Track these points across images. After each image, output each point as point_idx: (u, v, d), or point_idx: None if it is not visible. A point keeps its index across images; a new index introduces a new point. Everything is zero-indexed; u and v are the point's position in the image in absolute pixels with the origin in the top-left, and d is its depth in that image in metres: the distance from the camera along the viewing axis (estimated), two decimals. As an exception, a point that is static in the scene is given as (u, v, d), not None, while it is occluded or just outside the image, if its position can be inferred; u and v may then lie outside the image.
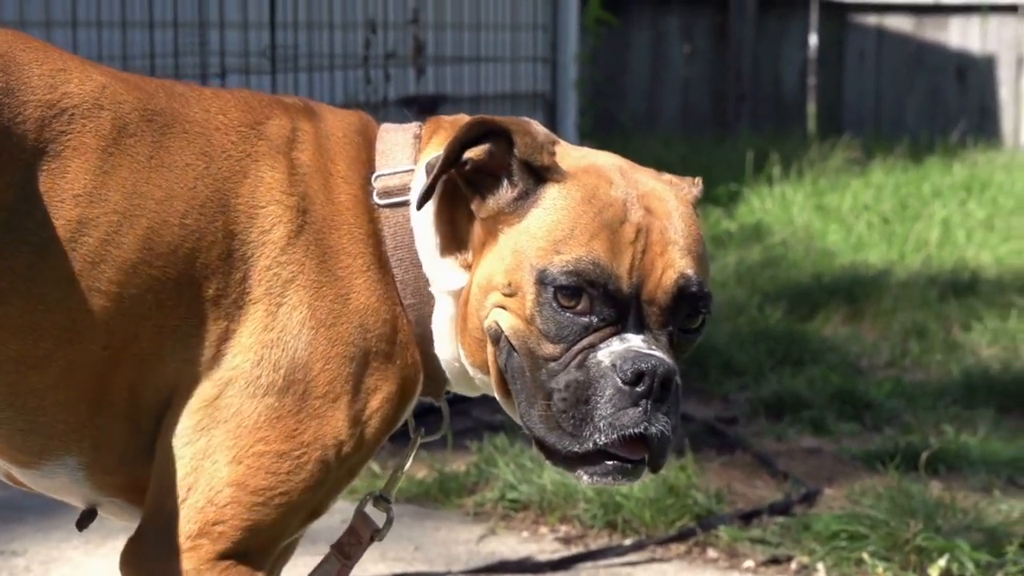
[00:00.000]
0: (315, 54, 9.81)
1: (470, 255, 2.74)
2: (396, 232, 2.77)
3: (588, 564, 5.01)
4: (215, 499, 2.63)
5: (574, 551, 5.10)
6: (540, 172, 2.69)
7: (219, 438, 2.64)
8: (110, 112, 2.62)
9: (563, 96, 12.31)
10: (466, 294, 2.73)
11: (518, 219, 2.68)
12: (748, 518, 5.31)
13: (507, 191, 2.70)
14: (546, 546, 5.17)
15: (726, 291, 8.76)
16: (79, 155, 2.58)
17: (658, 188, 2.77)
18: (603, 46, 14.09)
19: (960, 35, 15.85)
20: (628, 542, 5.16)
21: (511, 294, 2.67)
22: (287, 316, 2.66)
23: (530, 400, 2.67)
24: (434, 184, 2.69)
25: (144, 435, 2.68)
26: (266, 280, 2.67)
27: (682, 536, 5.18)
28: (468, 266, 2.74)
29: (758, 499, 5.55)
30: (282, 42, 9.56)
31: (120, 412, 2.65)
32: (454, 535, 5.25)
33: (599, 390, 2.61)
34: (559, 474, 4.23)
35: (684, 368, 2.78)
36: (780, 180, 12.17)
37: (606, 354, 2.62)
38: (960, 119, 15.43)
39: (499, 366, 2.71)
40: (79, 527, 2.86)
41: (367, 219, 2.77)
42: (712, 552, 5.12)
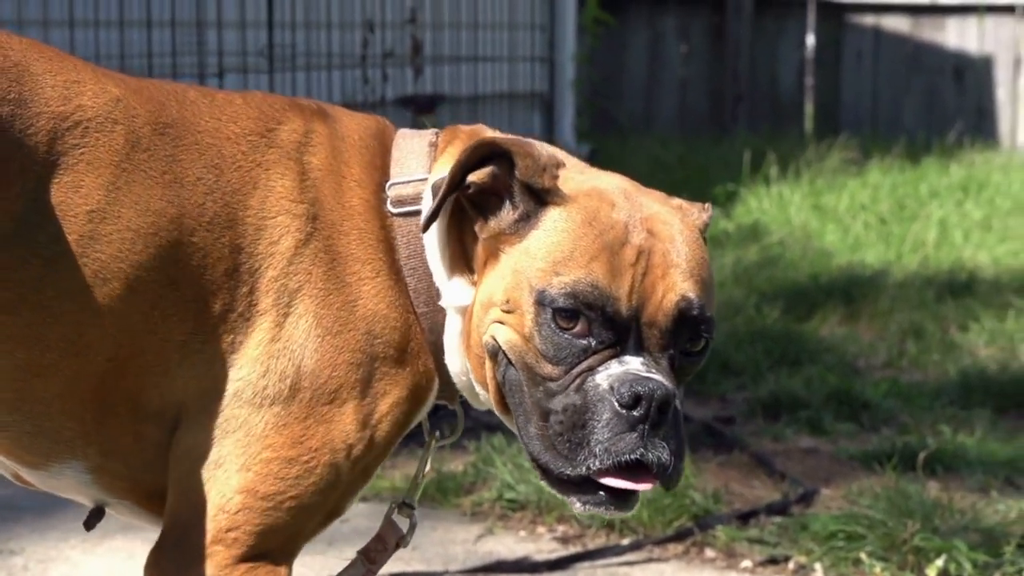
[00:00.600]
0: (313, 53, 9.81)
1: (476, 274, 2.75)
2: (409, 241, 2.77)
3: (585, 564, 5.01)
4: (226, 506, 2.64)
5: (571, 551, 5.11)
6: (541, 194, 2.68)
7: (228, 448, 2.65)
8: (123, 127, 2.62)
9: (560, 96, 12.31)
10: (470, 311, 2.73)
11: (519, 240, 2.68)
12: (746, 518, 5.31)
13: (509, 212, 2.70)
14: (543, 546, 5.17)
15: (723, 291, 8.76)
16: (93, 170, 2.58)
17: (662, 212, 2.75)
18: (600, 46, 14.08)
19: (957, 35, 15.85)
20: (626, 542, 5.16)
21: (510, 311, 2.67)
22: (293, 326, 2.67)
23: (527, 417, 2.67)
24: (439, 207, 2.69)
25: (151, 443, 2.69)
26: (273, 291, 2.67)
27: (680, 536, 5.18)
28: (475, 284, 2.75)
29: (755, 499, 5.55)
30: (280, 42, 9.55)
31: (126, 421, 2.66)
32: (451, 535, 5.25)
33: (596, 414, 2.61)
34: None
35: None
36: (777, 180, 12.16)
37: (604, 377, 2.62)
38: (957, 119, 15.43)
39: (497, 381, 2.72)
40: (87, 526, 2.87)
41: (379, 225, 2.76)
42: (710, 552, 5.12)
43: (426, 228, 2.72)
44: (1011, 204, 11.76)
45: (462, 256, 2.76)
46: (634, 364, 2.63)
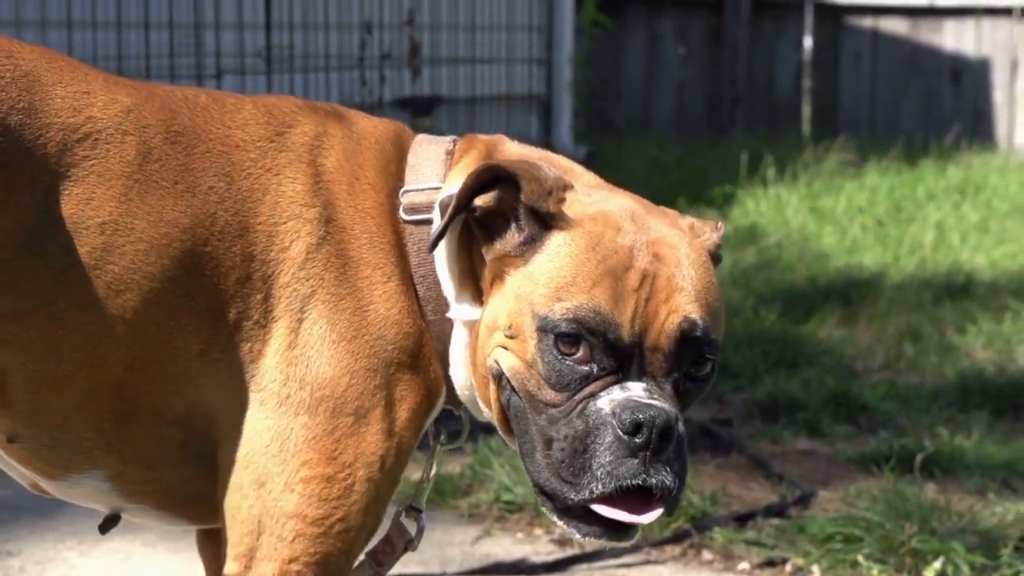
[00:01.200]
0: (311, 55, 9.81)
1: (483, 292, 2.75)
2: (420, 249, 2.76)
3: (583, 566, 5.01)
4: (283, 534, 2.65)
5: (569, 553, 5.10)
6: (546, 219, 2.68)
7: (266, 464, 2.64)
8: (135, 137, 2.60)
9: (558, 98, 12.31)
10: (476, 329, 2.73)
11: (523, 263, 2.68)
12: (743, 520, 5.31)
13: (514, 235, 2.70)
14: (541, 548, 5.17)
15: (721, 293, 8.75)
16: (104, 182, 2.56)
17: (669, 235, 2.74)
18: (598, 48, 14.07)
19: (955, 38, 15.85)
20: (623, 544, 5.15)
21: (513, 336, 2.66)
22: (308, 331, 2.65)
23: (532, 446, 2.67)
24: (444, 229, 2.69)
25: (174, 444, 2.68)
26: (286, 297, 2.66)
27: (677, 538, 5.18)
28: (482, 302, 2.74)
29: (753, 501, 5.55)
30: (278, 43, 9.55)
31: (148, 426, 2.65)
32: (449, 536, 5.25)
33: (599, 438, 2.60)
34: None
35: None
36: (775, 182, 12.17)
37: (606, 402, 2.62)
38: (955, 122, 15.44)
39: (501, 404, 2.71)
40: (102, 530, 2.87)
41: (391, 229, 2.75)
42: (707, 554, 5.12)
43: (432, 248, 2.72)
44: (1008, 206, 11.76)
45: (471, 272, 2.76)
46: (636, 390, 2.62)
